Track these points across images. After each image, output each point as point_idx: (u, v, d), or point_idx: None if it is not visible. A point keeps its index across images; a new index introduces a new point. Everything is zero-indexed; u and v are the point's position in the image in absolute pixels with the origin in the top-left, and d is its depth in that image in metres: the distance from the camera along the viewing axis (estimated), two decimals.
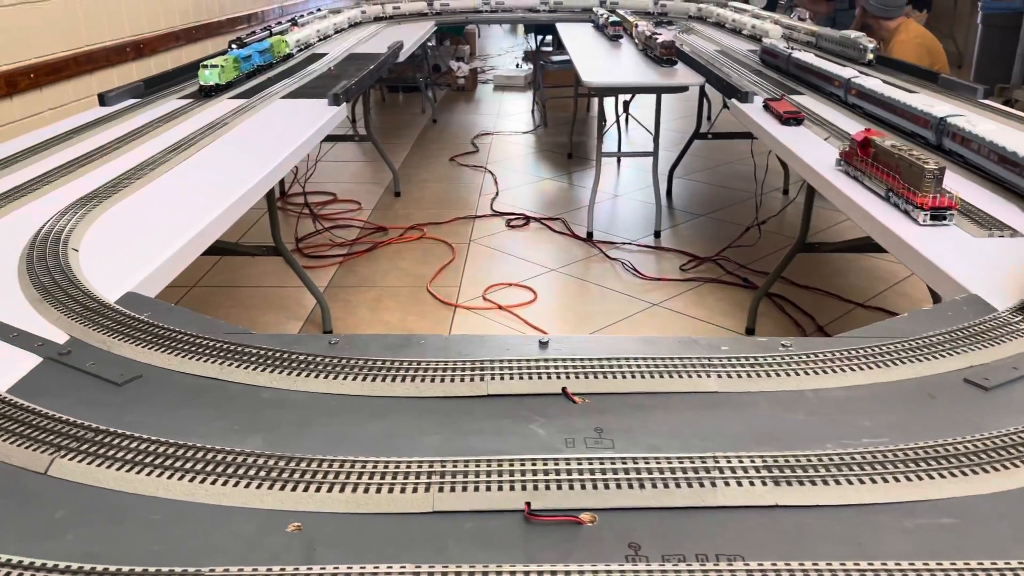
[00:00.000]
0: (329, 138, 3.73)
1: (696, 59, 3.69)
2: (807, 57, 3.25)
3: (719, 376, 1.08)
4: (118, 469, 0.89)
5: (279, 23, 4.86)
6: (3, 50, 3.22)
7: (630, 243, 3.98)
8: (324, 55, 4.11)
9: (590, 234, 4.04)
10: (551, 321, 3.23)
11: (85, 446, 0.92)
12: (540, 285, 3.54)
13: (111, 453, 0.91)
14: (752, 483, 0.85)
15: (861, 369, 1.09)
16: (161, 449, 0.92)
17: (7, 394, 1.04)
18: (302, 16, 5.10)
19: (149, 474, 0.88)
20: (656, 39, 3.89)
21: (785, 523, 0.82)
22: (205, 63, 3.10)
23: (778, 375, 1.08)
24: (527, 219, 4.36)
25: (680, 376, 1.08)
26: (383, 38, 4.92)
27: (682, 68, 3.74)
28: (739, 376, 1.08)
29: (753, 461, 0.89)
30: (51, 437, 0.94)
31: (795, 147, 2.28)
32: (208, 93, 3.05)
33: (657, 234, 4.06)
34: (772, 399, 1.04)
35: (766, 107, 2.71)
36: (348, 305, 3.41)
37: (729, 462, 0.89)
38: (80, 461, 0.90)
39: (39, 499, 0.86)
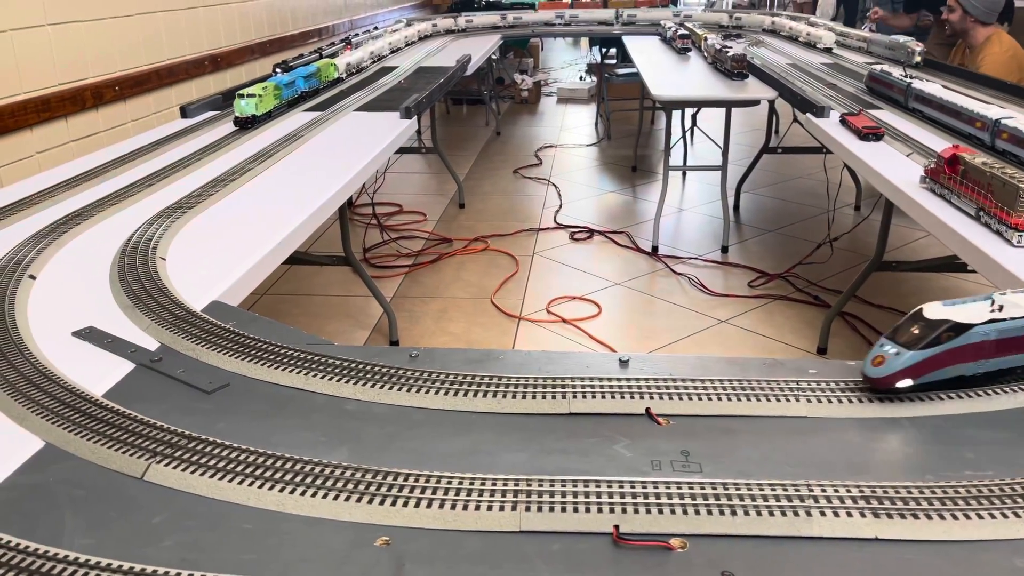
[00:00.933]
0: (396, 150, 3.78)
1: (768, 72, 3.63)
2: (932, 89, 2.65)
3: (808, 400, 1.05)
4: (211, 476, 0.91)
5: (331, 44, 4.64)
6: (91, 63, 3.36)
7: (696, 258, 3.93)
8: (394, 68, 4.17)
9: (655, 248, 4.00)
10: (616, 336, 3.20)
11: (179, 452, 0.95)
12: (604, 299, 3.52)
13: (204, 460, 0.93)
14: (850, 514, 0.83)
15: (960, 398, 1.04)
16: (251, 458, 0.94)
17: (103, 399, 1.07)
18: (356, 35, 4.96)
19: (241, 483, 0.90)
20: (726, 52, 3.84)
21: (886, 557, 0.79)
22: (242, 92, 2.76)
23: (870, 401, 1.05)
24: (591, 232, 4.35)
25: (768, 399, 1.05)
26: (451, 51, 4.97)
27: (753, 81, 3.69)
28: (829, 401, 1.05)
29: (849, 491, 0.86)
30: (147, 443, 0.97)
31: (876, 163, 2.21)
32: (244, 125, 2.73)
33: (724, 249, 4.00)
34: (865, 426, 1.01)
35: (843, 122, 2.65)
36: (413, 315, 3.45)
37: (824, 491, 0.86)
38: (175, 467, 0.92)
39: (137, 504, 0.88)
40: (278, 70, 3.45)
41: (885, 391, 1.05)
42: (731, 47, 3.94)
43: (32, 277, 1.49)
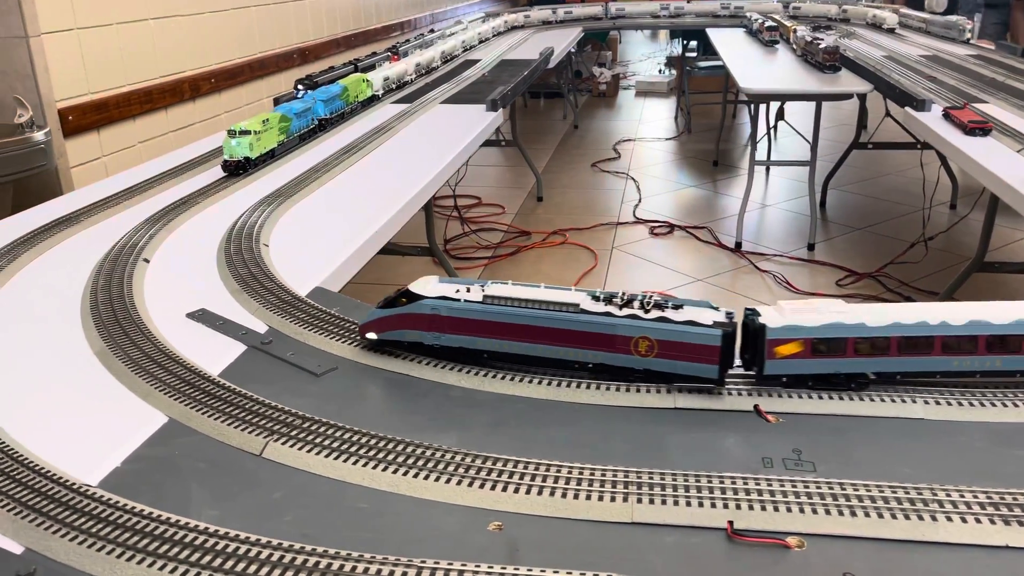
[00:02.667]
0: None
1: (863, 64, 3.51)
2: None
3: (926, 402, 1.01)
4: (326, 456, 0.93)
5: (373, 54, 3.94)
6: (189, 57, 3.49)
7: (782, 255, 3.84)
8: (477, 61, 4.20)
9: (739, 244, 3.93)
10: None
11: (295, 432, 0.98)
12: (685, 295, 3.47)
13: (318, 440, 0.96)
14: (978, 520, 0.80)
15: None
16: (363, 439, 0.96)
17: (219, 378, 1.11)
18: (419, 37, 4.60)
19: (355, 463, 0.92)
20: (818, 44, 3.73)
21: (1018, 566, 0.76)
22: (234, 128, 2.11)
23: (993, 405, 1.01)
24: (671, 227, 4.29)
25: (882, 400, 1.02)
26: (532, 44, 4.98)
27: (846, 74, 3.58)
28: (948, 404, 1.01)
29: (976, 496, 0.83)
30: (263, 421, 1.00)
31: (983, 159, 2.12)
32: (235, 171, 2.10)
33: (811, 247, 3.89)
34: (989, 431, 0.97)
35: (946, 116, 2.54)
36: None
37: (948, 495, 0.83)
38: (291, 446, 0.95)
39: (257, 480, 0.91)
40: (300, 87, 2.86)
41: (364, 341, 1.19)
42: (822, 39, 3.82)
43: (146, 260, 1.55)
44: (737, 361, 1.06)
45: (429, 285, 1.15)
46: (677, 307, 1.05)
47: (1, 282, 1.47)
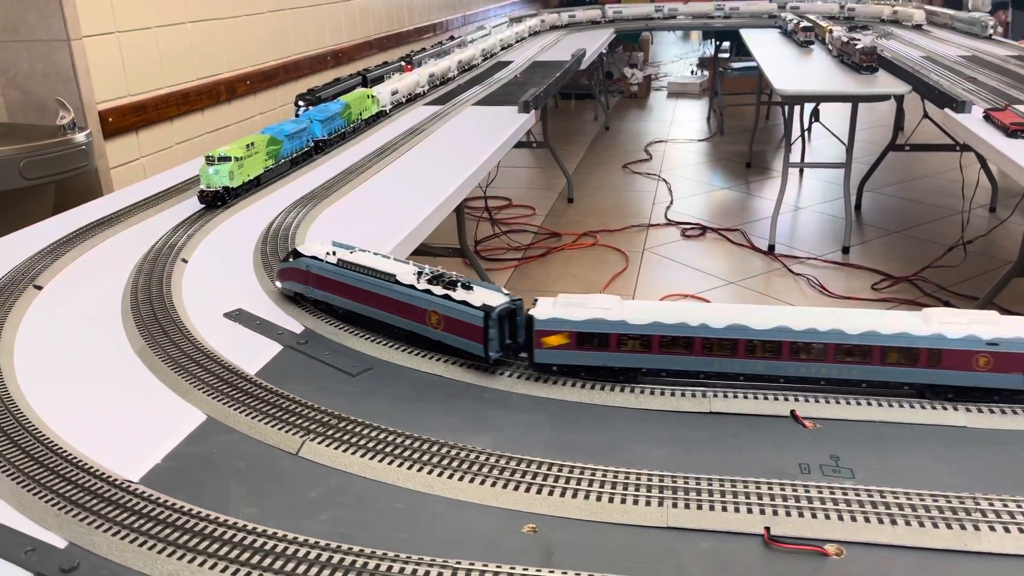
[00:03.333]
0: None
1: (900, 65, 3.46)
2: None
3: (968, 410, 1.00)
4: (362, 455, 0.94)
5: (382, 65, 3.61)
6: (226, 59, 3.54)
7: (815, 258, 3.79)
8: (509, 63, 4.21)
9: (772, 247, 3.89)
10: None
11: (331, 431, 0.98)
12: (717, 298, 3.44)
13: (354, 440, 0.97)
14: (1022, 530, 0.78)
15: None
16: (398, 440, 0.97)
17: (256, 377, 1.12)
18: (422, 51, 4.03)
19: (390, 463, 0.93)
20: (854, 44, 3.68)
21: None
22: (212, 153, 1.87)
23: None
24: (703, 229, 4.26)
25: (923, 407, 1.00)
26: (564, 45, 4.97)
27: (883, 75, 3.52)
28: (991, 411, 0.99)
29: (1020, 506, 0.81)
30: (300, 420, 1.01)
31: None
32: (213, 202, 1.86)
33: (846, 250, 3.84)
34: None
35: (987, 118, 2.50)
36: None
37: (991, 504, 0.82)
38: (328, 445, 0.96)
39: (294, 478, 0.92)
40: (301, 103, 2.68)
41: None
42: (859, 39, 3.77)
43: (184, 260, 1.58)
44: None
45: (316, 245, 1.33)
46: (467, 288, 1.13)
47: (44, 281, 1.50)
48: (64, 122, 2.47)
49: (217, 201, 1.87)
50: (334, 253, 1.30)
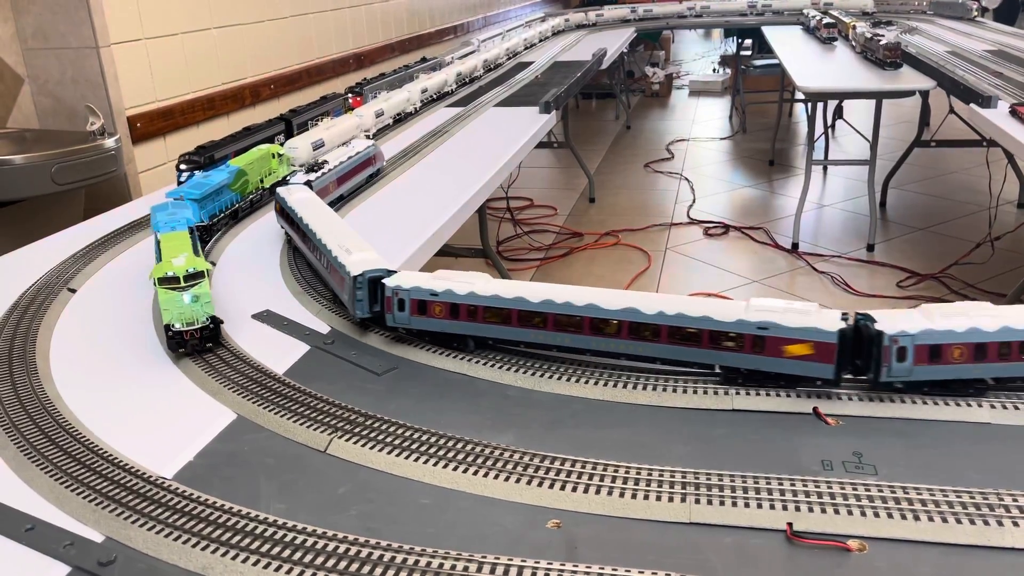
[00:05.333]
0: None
1: (925, 61, 3.43)
2: None
3: (992, 406, 0.99)
4: (388, 453, 0.96)
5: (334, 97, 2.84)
6: (250, 64, 3.58)
7: (840, 256, 3.76)
8: (530, 63, 4.22)
9: (795, 245, 3.87)
10: None
11: (358, 429, 1.00)
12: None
13: (381, 437, 0.98)
14: None
15: None
16: (424, 437, 0.98)
17: (285, 376, 1.15)
18: (371, 82, 3.09)
19: (416, 460, 0.94)
20: (878, 40, 3.65)
21: None
22: (171, 272, 1.21)
23: None
24: (726, 227, 4.25)
25: (947, 403, 1.00)
26: (585, 45, 4.98)
27: (908, 71, 3.49)
28: (1016, 408, 0.99)
29: None
30: (328, 419, 1.03)
31: None
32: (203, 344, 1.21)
33: (870, 247, 3.81)
34: None
35: (1013, 112, 2.47)
36: None
37: (1015, 500, 0.82)
38: (355, 443, 0.98)
39: (322, 475, 0.94)
40: (183, 168, 1.97)
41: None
42: (883, 35, 3.74)
43: (212, 263, 1.61)
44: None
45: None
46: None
47: (78, 284, 1.53)
48: (94, 128, 2.52)
49: (207, 343, 1.21)
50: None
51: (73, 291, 1.49)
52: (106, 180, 2.57)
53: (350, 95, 2.86)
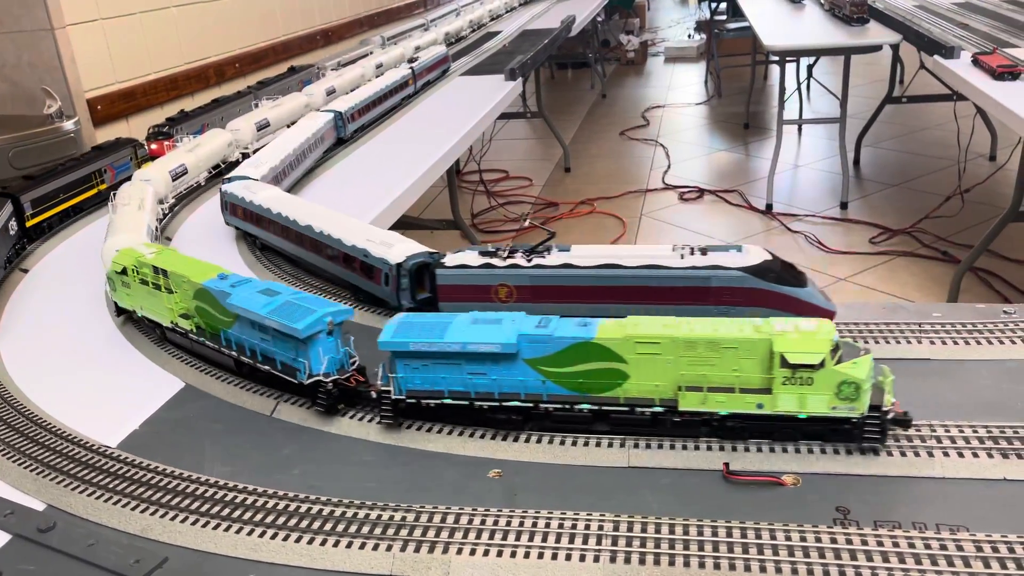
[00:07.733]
0: (502, 116, 3.80)
1: (891, 15, 3.42)
2: None
3: (931, 343, 1.00)
4: (332, 413, 0.96)
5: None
6: (213, 42, 3.53)
7: (813, 215, 3.77)
8: (498, 33, 4.18)
9: (769, 206, 3.87)
10: None
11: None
12: None
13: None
14: (976, 455, 0.79)
15: None
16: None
17: None
18: (180, 119, 2.36)
19: (360, 420, 0.94)
20: None
21: (1016, 497, 0.75)
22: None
23: (1001, 343, 0.99)
24: (701, 192, 4.25)
25: (887, 342, 1.01)
26: (555, 14, 4.93)
27: (874, 26, 3.48)
28: (954, 343, 1.00)
29: (976, 431, 0.82)
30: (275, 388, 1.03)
31: (1013, 104, 2.06)
32: None
33: (844, 205, 3.82)
34: (996, 368, 0.96)
35: (975, 62, 2.47)
36: None
37: (948, 431, 0.83)
38: (300, 406, 0.98)
39: (268, 438, 0.94)
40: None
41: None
42: None
43: (168, 239, 1.59)
44: None
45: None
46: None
47: (30, 264, 1.52)
48: (51, 111, 2.48)
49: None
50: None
51: (25, 271, 1.48)
52: None
53: (161, 134, 2.19)
